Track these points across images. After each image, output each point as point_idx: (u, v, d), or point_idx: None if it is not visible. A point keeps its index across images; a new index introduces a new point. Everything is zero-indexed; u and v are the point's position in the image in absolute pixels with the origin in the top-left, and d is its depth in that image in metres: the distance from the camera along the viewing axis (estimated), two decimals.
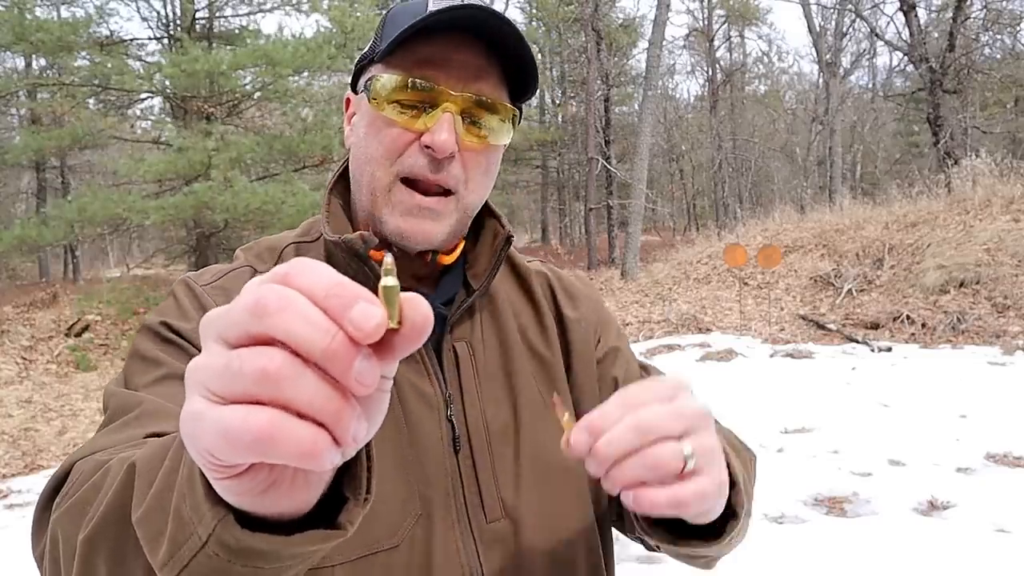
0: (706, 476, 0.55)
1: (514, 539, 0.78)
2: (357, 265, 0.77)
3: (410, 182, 0.76)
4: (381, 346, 0.35)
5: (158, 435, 0.62)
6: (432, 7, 0.73)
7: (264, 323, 0.34)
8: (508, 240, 0.84)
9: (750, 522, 0.78)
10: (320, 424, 0.35)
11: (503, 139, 0.79)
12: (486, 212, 0.87)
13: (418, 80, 0.74)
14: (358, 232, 0.76)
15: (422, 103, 0.75)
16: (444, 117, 0.74)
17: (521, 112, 0.84)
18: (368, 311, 0.34)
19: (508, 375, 0.83)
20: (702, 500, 0.55)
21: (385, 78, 0.75)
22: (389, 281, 0.35)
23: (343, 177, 0.87)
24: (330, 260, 0.81)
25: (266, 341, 0.35)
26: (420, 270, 0.82)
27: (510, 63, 0.77)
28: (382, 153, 0.76)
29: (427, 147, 0.74)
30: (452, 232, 0.79)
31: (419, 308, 0.36)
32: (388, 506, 0.73)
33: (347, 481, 0.45)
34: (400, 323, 0.35)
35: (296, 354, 0.34)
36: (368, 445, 0.45)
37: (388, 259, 0.36)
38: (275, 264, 0.82)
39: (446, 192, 0.77)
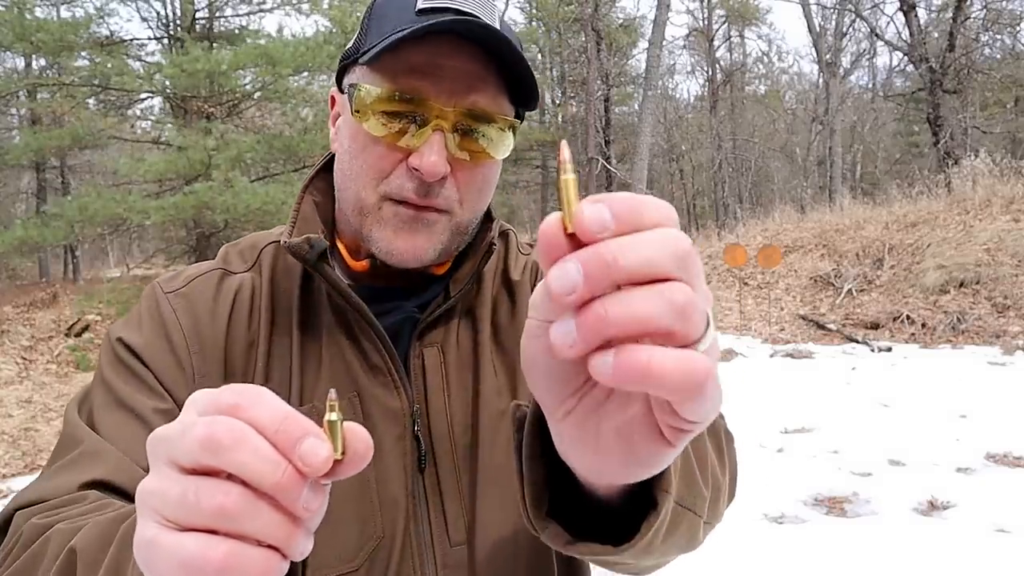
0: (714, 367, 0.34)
1: (475, 563, 0.74)
2: (311, 270, 0.74)
3: (399, 201, 0.71)
4: (325, 472, 0.37)
5: (94, 483, 0.65)
6: (421, 4, 0.67)
7: (218, 458, 0.36)
8: (490, 249, 0.79)
9: (695, 519, 0.57)
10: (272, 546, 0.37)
11: (502, 151, 0.72)
12: (484, 217, 0.82)
13: (405, 93, 0.67)
14: (304, 236, 0.72)
15: (410, 115, 0.68)
16: (433, 137, 0.67)
17: (522, 119, 0.77)
18: (315, 447, 0.36)
19: (476, 381, 0.78)
20: (716, 393, 0.34)
21: (368, 88, 0.68)
22: (333, 416, 0.37)
23: (324, 172, 0.82)
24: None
25: (218, 472, 0.36)
26: (406, 276, 0.77)
27: (508, 68, 0.70)
28: (367, 172, 0.71)
29: (415, 169, 0.68)
30: (444, 250, 0.74)
31: (360, 438, 0.38)
32: (347, 528, 0.71)
33: None
34: (344, 453, 0.37)
35: (247, 485, 0.36)
36: None
37: (332, 394, 0.38)
38: (255, 263, 0.80)
39: (438, 211, 0.72)
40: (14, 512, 0.65)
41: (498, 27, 0.69)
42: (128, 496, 0.64)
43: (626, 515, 0.50)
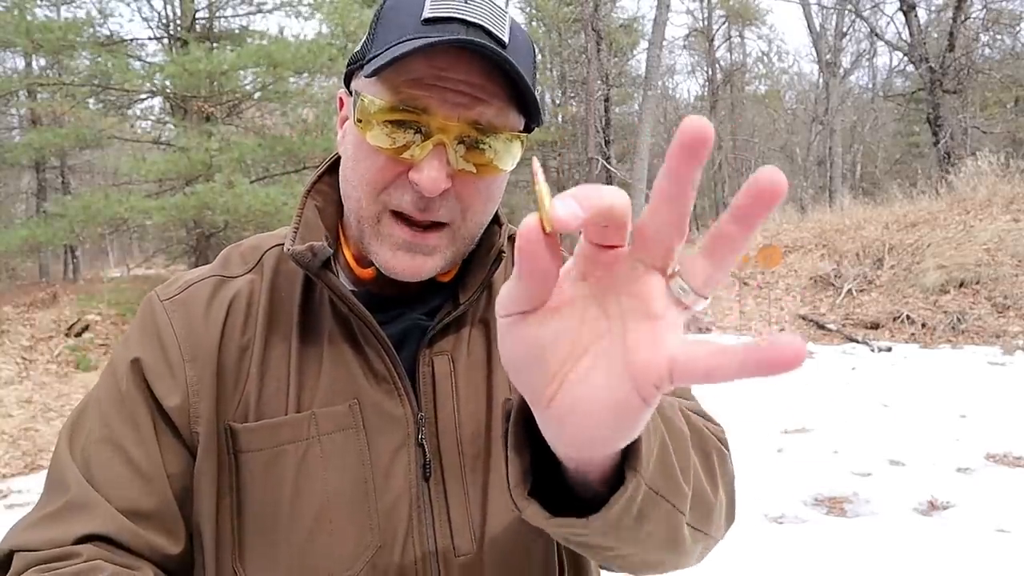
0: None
1: (484, 573, 0.73)
2: (312, 278, 0.73)
3: (399, 214, 0.70)
4: None
5: (88, 537, 0.66)
6: (428, 12, 0.66)
7: None
8: (499, 256, 0.78)
9: (675, 513, 0.56)
10: None
11: (509, 162, 0.70)
12: (492, 221, 0.81)
13: (408, 105, 0.66)
14: (307, 244, 0.71)
15: (413, 127, 0.66)
16: (434, 151, 0.66)
17: (531, 131, 0.76)
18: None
19: (488, 390, 0.77)
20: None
21: (370, 99, 0.67)
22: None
23: (328, 175, 0.80)
24: None
25: None
26: (411, 285, 0.76)
27: (513, 81, 0.68)
28: (368, 182, 0.69)
29: (414, 183, 0.67)
30: (448, 263, 0.73)
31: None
32: (344, 536, 0.70)
33: None
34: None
35: None
36: None
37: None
38: (256, 265, 0.79)
39: (439, 224, 0.70)
40: (10, 553, 0.67)
41: (506, 36, 0.68)
42: (119, 544, 0.66)
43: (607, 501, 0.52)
